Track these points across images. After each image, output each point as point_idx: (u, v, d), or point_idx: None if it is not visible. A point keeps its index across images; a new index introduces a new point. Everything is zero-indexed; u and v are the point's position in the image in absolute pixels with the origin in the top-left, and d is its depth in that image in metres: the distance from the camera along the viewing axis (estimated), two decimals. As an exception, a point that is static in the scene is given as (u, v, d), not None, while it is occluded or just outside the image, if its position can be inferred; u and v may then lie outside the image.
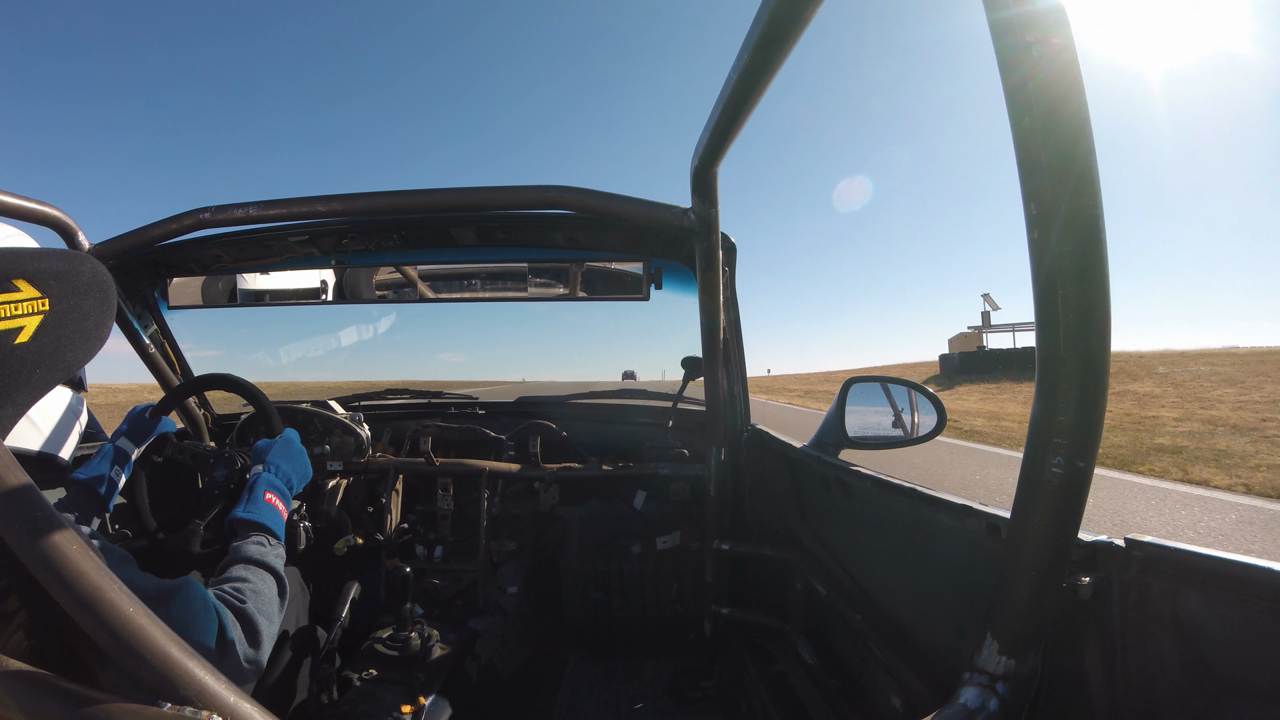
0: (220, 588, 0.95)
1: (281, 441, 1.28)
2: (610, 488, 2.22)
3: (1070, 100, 0.51)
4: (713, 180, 1.22)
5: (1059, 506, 0.60)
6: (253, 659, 0.91)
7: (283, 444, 1.28)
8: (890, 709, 1.08)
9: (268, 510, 1.13)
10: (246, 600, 0.94)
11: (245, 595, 0.95)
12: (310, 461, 1.32)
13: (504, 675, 1.82)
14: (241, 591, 0.95)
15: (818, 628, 1.54)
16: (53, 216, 1.40)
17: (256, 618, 0.93)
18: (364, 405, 2.45)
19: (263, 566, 1.03)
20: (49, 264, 0.68)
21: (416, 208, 1.37)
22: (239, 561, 1.02)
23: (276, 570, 1.05)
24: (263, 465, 1.21)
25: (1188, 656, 0.59)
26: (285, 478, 1.22)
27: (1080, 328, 0.55)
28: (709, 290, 1.47)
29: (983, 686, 0.68)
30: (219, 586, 0.96)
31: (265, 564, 1.03)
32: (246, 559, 1.02)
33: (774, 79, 0.82)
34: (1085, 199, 0.53)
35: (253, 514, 1.10)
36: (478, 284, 2.11)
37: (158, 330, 1.98)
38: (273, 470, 1.21)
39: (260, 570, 1.02)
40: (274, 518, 1.13)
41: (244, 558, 1.03)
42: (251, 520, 1.09)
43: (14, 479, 0.54)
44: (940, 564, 0.98)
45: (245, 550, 1.04)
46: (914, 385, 1.68)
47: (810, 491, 1.57)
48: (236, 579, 0.98)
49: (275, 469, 1.21)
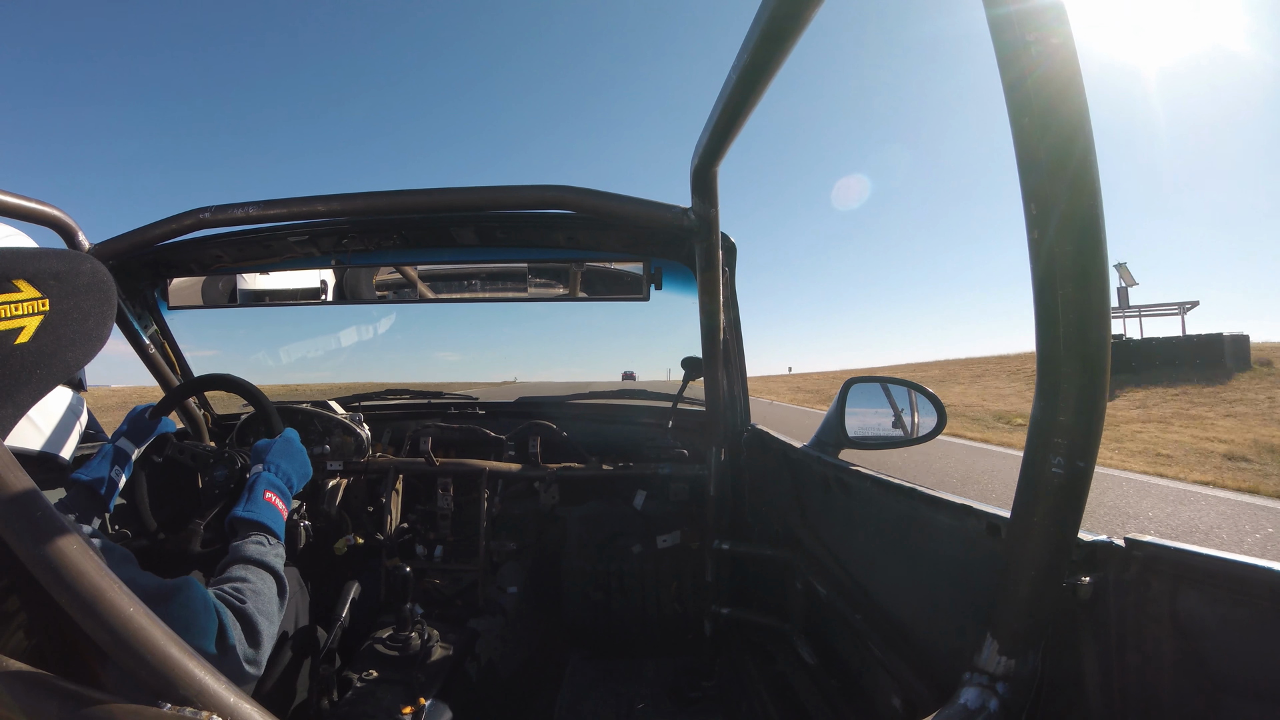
0: (220, 587, 0.95)
1: (281, 441, 1.28)
2: (610, 488, 2.22)
3: (1069, 100, 0.51)
4: (713, 180, 1.22)
5: (1059, 506, 0.60)
6: (253, 659, 0.91)
7: (283, 443, 1.28)
8: (890, 709, 1.08)
9: (267, 509, 1.13)
10: (246, 600, 0.94)
11: (245, 595, 0.95)
12: (311, 460, 1.32)
13: (504, 675, 1.82)
14: (241, 591, 0.95)
15: (818, 628, 1.54)
16: (53, 216, 1.40)
17: (256, 618, 0.93)
18: (364, 405, 2.45)
19: (262, 566, 1.02)
20: (49, 264, 0.68)
21: (416, 208, 1.37)
22: (238, 561, 1.02)
23: (276, 570, 1.04)
24: (263, 464, 1.21)
25: (1187, 656, 0.59)
26: (285, 476, 1.22)
27: (1080, 328, 0.55)
28: (709, 290, 1.48)
29: (983, 686, 0.68)
30: (219, 586, 0.95)
31: (265, 564, 1.03)
32: (246, 559, 1.02)
33: (774, 79, 0.82)
34: (1085, 199, 0.53)
35: (252, 513, 1.10)
36: (478, 284, 2.11)
37: (158, 330, 1.98)
38: (273, 469, 1.20)
39: (260, 570, 1.02)
40: (274, 517, 1.13)
41: (244, 557, 1.02)
42: (251, 519, 1.09)
43: (14, 479, 0.54)
44: (940, 564, 0.98)
45: (245, 550, 1.04)
46: (914, 385, 1.68)
47: (810, 491, 1.57)
48: (236, 579, 0.98)
49: (275, 468, 1.21)
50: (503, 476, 2.10)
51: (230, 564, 1.01)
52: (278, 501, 1.16)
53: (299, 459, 1.27)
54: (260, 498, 1.14)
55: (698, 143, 1.11)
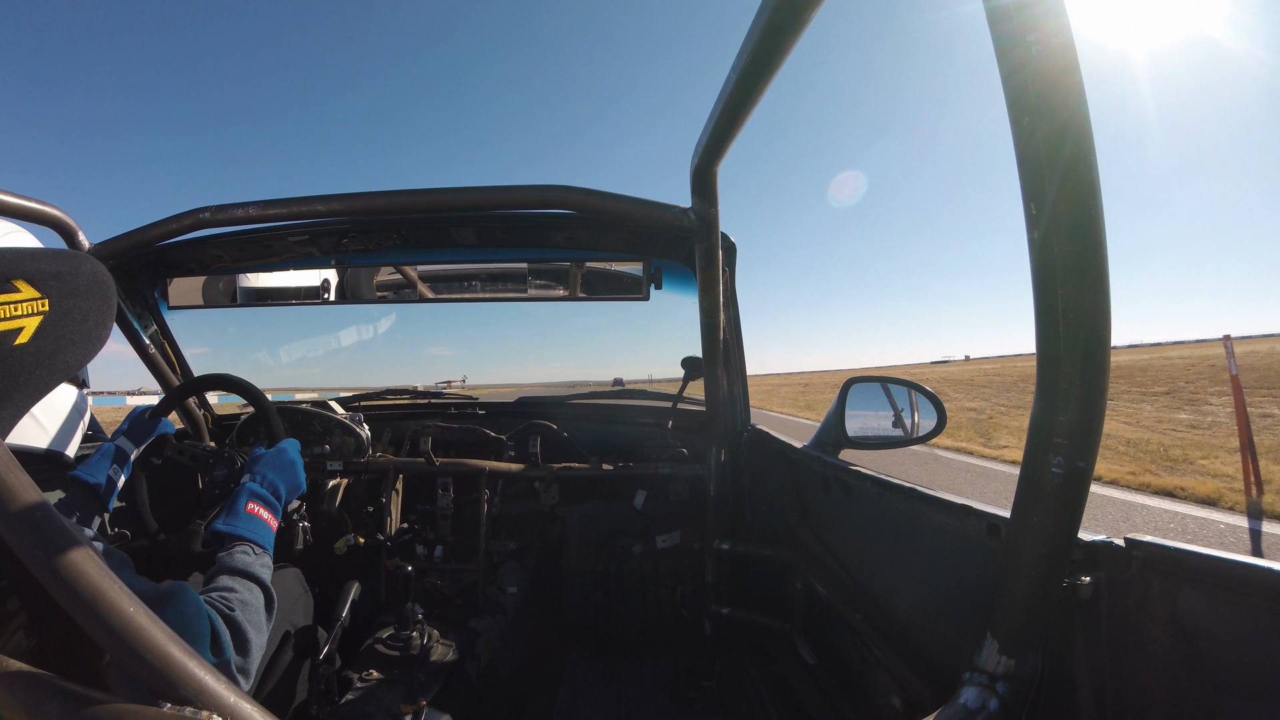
0: (209, 595, 0.94)
1: (275, 451, 1.26)
2: (610, 487, 2.22)
3: (1069, 101, 0.51)
4: (713, 180, 1.22)
5: (1059, 506, 0.60)
6: (243, 667, 0.90)
7: (275, 454, 1.26)
8: (890, 709, 1.08)
9: (248, 521, 1.10)
10: (235, 609, 0.93)
11: (234, 604, 0.94)
12: (305, 470, 1.29)
13: (504, 675, 1.82)
14: (230, 601, 0.94)
15: (818, 628, 1.54)
16: (53, 216, 1.40)
17: (245, 627, 0.92)
18: (364, 405, 2.45)
19: (248, 577, 1.01)
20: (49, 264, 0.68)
21: (416, 208, 1.37)
22: (225, 572, 1.00)
23: (262, 581, 1.02)
24: (249, 475, 1.19)
25: (1187, 656, 0.59)
26: (271, 486, 1.19)
27: (1080, 328, 0.55)
28: (709, 290, 1.48)
29: (983, 686, 0.68)
30: (207, 594, 0.94)
31: (250, 574, 1.01)
32: (232, 569, 1.01)
33: (774, 79, 0.82)
34: (1085, 199, 0.53)
35: (231, 526, 1.08)
36: (478, 284, 2.11)
37: (158, 330, 1.98)
38: (258, 480, 1.18)
39: (246, 581, 1.00)
40: (255, 528, 1.10)
41: (229, 568, 1.01)
42: (229, 533, 1.07)
43: (15, 479, 0.54)
44: (940, 564, 0.98)
45: (230, 561, 1.02)
46: (914, 385, 1.68)
47: (810, 491, 1.57)
48: (224, 588, 0.97)
49: (261, 478, 1.18)
50: (503, 476, 2.10)
51: (217, 574, 1.00)
52: (262, 512, 1.13)
53: (289, 470, 1.25)
54: (241, 510, 1.11)
55: (698, 143, 1.11)
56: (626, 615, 2.19)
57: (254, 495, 1.15)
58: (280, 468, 1.23)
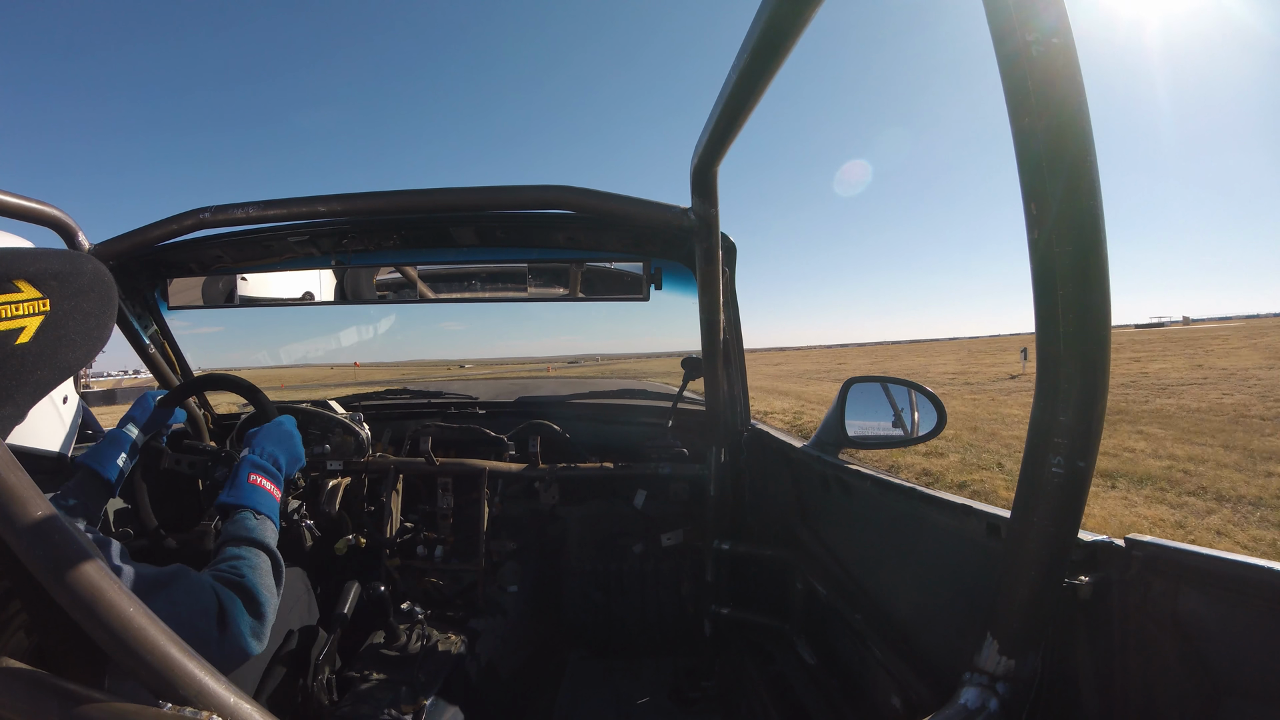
0: (216, 568, 0.96)
1: (271, 425, 1.28)
2: (610, 487, 2.22)
3: (1070, 101, 0.51)
4: (713, 180, 1.22)
5: (1059, 506, 0.60)
6: (257, 630, 0.91)
7: (272, 427, 1.27)
8: (890, 709, 1.08)
9: (251, 491, 1.12)
10: (244, 574, 0.95)
11: (242, 570, 0.96)
12: (311, 460, 1.31)
13: (504, 675, 1.82)
14: (238, 568, 0.96)
15: (818, 628, 1.54)
16: (53, 216, 1.40)
17: (257, 589, 0.94)
18: (364, 405, 2.45)
19: (254, 544, 1.03)
20: (50, 264, 0.68)
21: (416, 208, 1.37)
22: (230, 541, 1.02)
23: (268, 545, 1.04)
24: (248, 448, 1.21)
25: (1187, 656, 0.59)
26: (271, 458, 1.20)
27: (1080, 328, 0.55)
28: (709, 290, 1.48)
29: (983, 686, 0.68)
30: (215, 568, 0.96)
31: (255, 540, 1.03)
32: (237, 538, 1.03)
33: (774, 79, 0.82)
34: (1085, 199, 0.53)
35: (234, 497, 1.10)
36: (478, 284, 2.10)
37: (158, 330, 1.98)
38: (257, 452, 1.20)
39: (252, 547, 1.02)
40: (259, 497, 1.12)
41: (234, 537, 1.03)
42: (233, 503, 1.09)
43: (14, 479, 0.54)
44: (940, 564, 0.98)
45: (235, 530, 1.04)
46: (914, 385, 1.68)
47: (810, 491, 1.57)
48: (231, 558, 0.99)
49: (260, 450, 1.20)
50: (503, 476, 2.10)
51: (223, 545, 1.02)
52: (264, 482, 1.15)
53: (288, 442, 1.26)
54: (244, 481, 1.13)
55: (698, 143, 1.11)
56: (626, 615, 2.18)
57: (255, 466, 1.16)
58: (278, 439, 1.25)
